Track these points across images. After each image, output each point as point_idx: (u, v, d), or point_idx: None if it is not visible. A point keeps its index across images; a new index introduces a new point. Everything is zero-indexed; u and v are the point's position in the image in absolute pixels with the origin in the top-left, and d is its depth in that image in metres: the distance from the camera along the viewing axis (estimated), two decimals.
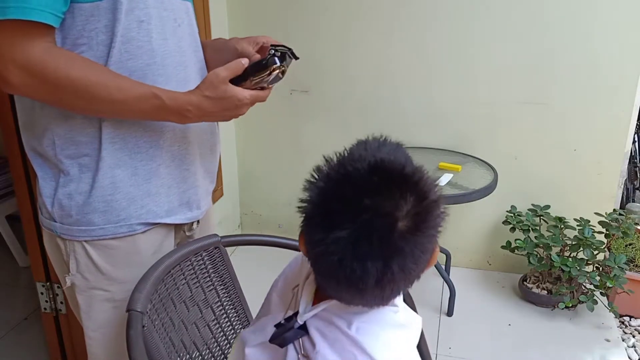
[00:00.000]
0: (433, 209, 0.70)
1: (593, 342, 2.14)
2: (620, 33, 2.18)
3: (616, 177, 2.38)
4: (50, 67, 0.87)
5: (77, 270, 1.04)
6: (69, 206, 1.00)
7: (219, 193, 2.67)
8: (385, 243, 0.66)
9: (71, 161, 0.98)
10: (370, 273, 0.67)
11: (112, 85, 0.90)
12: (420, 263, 0.70)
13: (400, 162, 0.71)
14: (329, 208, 0.69)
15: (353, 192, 0.67)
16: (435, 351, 2.09)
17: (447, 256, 2.54)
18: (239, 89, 0.94)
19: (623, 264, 2.15)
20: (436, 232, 0.71)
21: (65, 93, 0.89)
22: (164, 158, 1.05)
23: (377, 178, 0.68)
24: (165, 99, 0.93)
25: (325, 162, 0.75)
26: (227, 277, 1.26)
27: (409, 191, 0.68)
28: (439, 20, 2.35)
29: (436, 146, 2.52)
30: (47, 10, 0.85)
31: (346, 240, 0.66)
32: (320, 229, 0.69)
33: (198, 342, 1.17)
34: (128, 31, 0.93)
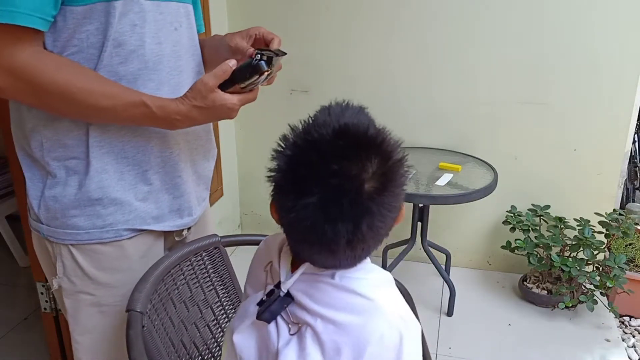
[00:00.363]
0: (398, 168, 0.73)
1: (593, 342, 2.14)
2: (620, 33, 2.18)
3: (616, 177, 2.38)
4: (36, 72, 0.86)
5: (63, 274, 1.03)
6: (54, 209, 0.99)
7: (219, 193, 2.67)
8: (354, 205, 0.69)
9: (58, 163, 0.97)
10: (341, 234, 0.69)
11: (99, 92, 0.89)
12: (387, 221, 0.73)
13: (364, 125, 0.73)
14: (297, 175, 0.71)
15: (320, 157, 0.69)
16: (435, 351, 2.09)
17: (447, 256, 2.54)
18: (227, 96, 0.94)
19: (623, 264, 2.14)
20: (401, 190, 0.74)
21: (51, 98, 0.89)
22: (152, 164, 1.03)
23: (342, 142, 0.70)
24: (153, 108, 0.92)
25: (291, 131, 0.76)
26: (227, 277, 1.26)
27: (374, 153, 0.70)
28: (439, 21, 2.35)
29: (436, 146, 2.52)
30: (35, 15, 0.84)
31: (316, 205, 0.69)
32: (291, 196, 0.71)
33: (198, 342, 1.17)
34: (120, 35, 0.92)
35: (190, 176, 1.13)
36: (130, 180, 1.01)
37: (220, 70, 0.93)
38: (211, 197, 2.57)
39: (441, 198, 2.04)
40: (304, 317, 0.77)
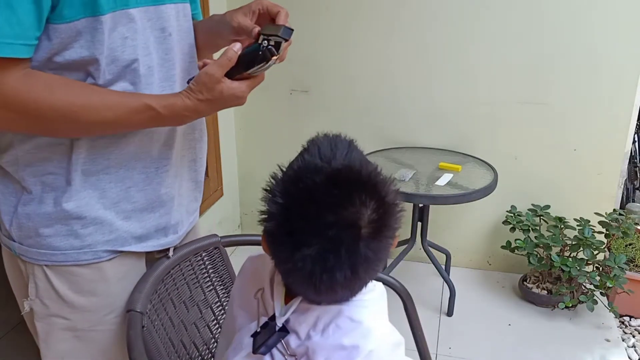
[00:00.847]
0: (393, 211, 0.73)
1: (593, 342, 2.14)
2: (620, 33, 2.18)
3: (616, 177, 2.38)
4: (29, 99, 0.79)
5: (36, 295, 0.96)
6: (27, 227, 0.92)
7: (219, 193, 2.67)
8: (352, 253, 0.69)
9: (34, 179, 0.90)
10: (338, 282, 0.70)
11: (100, 105, 0.84)
12: (383, 259, 0.74)
13: (356, 168, 0.72)
14: (292, 227, 0.71)
15: (315, 209, 0.69)
16: (435, 351, 2.09)
17: (447, 256, 2.54)
18: (235, 84, 0.89)
19: (623, 264, 2.14)
20: (396, 231, 0.74)
21: (50, 123, 0.83)
22: (136, 180, 0.96)
23: (337, 191, 0.69)
24: (159, 109, 0.87)
25: (281, 172, 0.76)
26: (227, 277, 1.26)
27: (369, 196, 0.70)
28: (439, 21, 2.35)
29: (436, 146, 2.51)
30: (17, 43, 0.76)
31: (314, 256, 0.68)
32: (287, 247, 0.71)
33: (198, 342, 1.17)
34: (112, 51, 0.85)
35: (180, 189, 1.06)
36: (112, 197, 0.94)
37: (225, 58, 0.87)
38: (211, 197, 2.57)
39: (441, 198, 2.04)
40: (299, 348, 0.77)
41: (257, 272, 0.88)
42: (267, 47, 0.88)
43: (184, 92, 0.88)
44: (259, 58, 0.88)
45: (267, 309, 0.82)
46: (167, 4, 0.94)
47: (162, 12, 0.93)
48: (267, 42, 0.88)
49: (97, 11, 0.81)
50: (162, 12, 0.93)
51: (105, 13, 0.82)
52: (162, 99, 0.88)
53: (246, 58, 0.88)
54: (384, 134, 2.55)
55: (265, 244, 0.78)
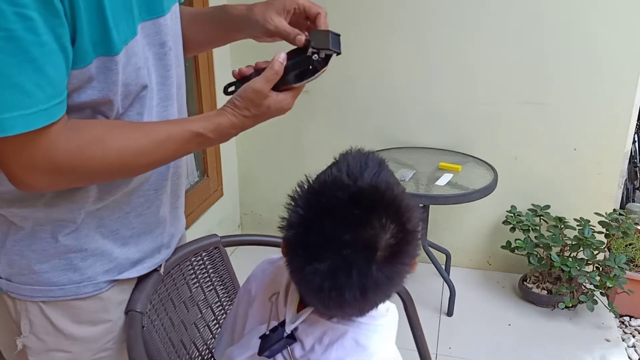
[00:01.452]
0: (412, 239, 0.71)
1: (593, 342, 2.14)
2: (620, 33, 2.17)
3: (616, 177, 2.38)
4: (82, 161, 0.73)
5: (30, 332, 0.88)
6: (20, 264, 0.84)
7: (219, 193, 2.67)
8: (363, 275, 0.68)
9: (22, 215, 0.82)
10: (347, 301, 0.69)
11: (152, 147, 0.78)
12: (397, 284, 0.73)
13: (381, 188, 0.71)
14: (309, 240, 0.70)
15: (333, 225, 0.68)
16: (435, 351, 2.09)
17: (447, 256, 2.54)
18: (282, 97, 0.83)
19: (623, 264, 2.14)
20: (413, 258, 0.72)
21: (103, 177, 0.79)
22: (134, 204, 0.89)
23: (357, 211, 0.68)
24: (208, 134, 0.81)
25: (307, 182, 0.75)
26: (227, 277, 1.25)
27: (390, 220, 0.69)
28: (439, 21, 2.35)
29: (436, 146, 2.51)
30: (52, 104, 0.67)
31: (324, 272, 0.68)
32: (301, 258, 0.70)
33: (198, 342, 1.17)
34: (126, 86, 0.78)
35: (171, 205, 1.00)
36: (110, 225, 0.88)
37: (272, 72, 0.81)
38: (211, 197, 2.57)
39: (441, 198, 2.04)
40: (302, 357, 0.78)
41: (277, 276, 0.88)
42: (317, 60, 0.83)
43: (229, 110, 0.83)
44: (310, 71, 0.83)
45: (279, 314, 0.82)
46: (166, 14, 0.85)
47: (160, 26, 0.83)
48: (317, 55, 0.83)
49: (110, 50, 0.72)
50: (161, 25, 0.83)
51: (119, 52, 0.73)
52: (208, 121, 0.82)
53: (293, 70, 0.83)
54: (384, 134, 2.55)
55: (284, 249, 0.77)
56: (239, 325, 0.93)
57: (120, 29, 0.73)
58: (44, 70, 0.65)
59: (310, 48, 0.83)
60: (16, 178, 0.72)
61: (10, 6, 0.60)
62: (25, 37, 0.62)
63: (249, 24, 0.91)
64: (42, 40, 0.63)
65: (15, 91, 0.63)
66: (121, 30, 0.73)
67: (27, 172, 0.71)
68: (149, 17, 0.80)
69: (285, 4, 0.90)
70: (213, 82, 2.46)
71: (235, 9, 0.95)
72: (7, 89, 0.63)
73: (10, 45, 0.62)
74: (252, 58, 0.91)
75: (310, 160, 2.70)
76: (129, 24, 0.75)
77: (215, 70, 2.46)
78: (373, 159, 0.75)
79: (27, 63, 0.63)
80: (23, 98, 0.64)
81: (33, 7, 0.62)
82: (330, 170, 0.74)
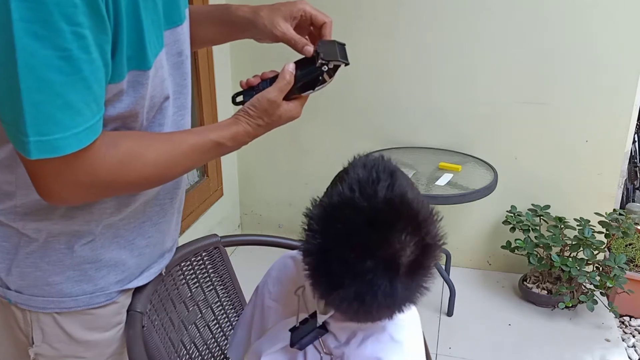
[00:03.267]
0: (431, 252, 0.72)
1: (593, 342, 2.14)
2: (620, 33, 2.18)
3: (616, 177, 2.38)
4: (123, 174, 0.74)
5: (42, 341, 0.87)
6: (34, 276, 0.83)
7: (219, 193, 2.67)
8: (388, 295, 0.69)
9: (36, 227, 0.81)
10: (376, 316, 0.71)
11: (181, 157, 0.80)
12: (423, 290, 0.74)
13: (396, 205, 0.69)
14: (330, 268, 0.70)
15: (354, 254, 0.68)
16: (435, 351, 2.09)
17: (447, 256, 2.54)
18: (291, 106, 0.86)
19: (623, 264, 2.14)
20: (432, 268, 0.73)
21: (138, 188, 0.81)
22: (150, 214, 0.90)
23: (376, 233, 0.68)
24: (226, 142, 0.83)
25: (319, 203, 0.73)
26: (227, 277, 1.25)
27: (408, 236, 0.68)
28: (439, 20, 2.35)
29: (436, 146, 2.51)
30: (97, 118, 0.67)
31: (351, 297, 0.69)
32: (323, 285, 0.71)
33: (198, 342, 1.17)
34: (152, 99, 0.79)
35: (177, 211, 1.01)
36: (127, 236, 0.88)
37: (284, 82, 0.83)
38: (211, 197, 2.57)
39: (441, 198, 2.04)
40: (337, 349, 0.78)
41: (299, 270, 0.88)
42: (326, 71, 0.86)
43: (243, 119, 0.84)
44: (319, 82, 0.86)
45: (308, 307, 0.83)
46: (184, 22, 0.85)
47: (178, 34, 0.84)
48: (326, 67, 0.86)
49: (143, 65, 0.73)
50: (179, 34, 0.84)
51: (151, 66, 0.74)
52: (225, 130, 0.83)
53: (302, 79, 0.86)
54: (384, 134, 2.55)
55: (306, 272, 0.76)
56: (258, 319, 0.93)
57: (152, 42, 0.73)
58: (92, 87, 0.65)
59: (320, 60, 0.85)
60: (52, 193, 0.71)
61: (68, 25, 0.60)
62: (80, 57, 0.62)
63: (254, 27, 0.92)
64: (92, 58, 0.64)
65: (68, 110, 0.63)
66: (153, 44, 0.74)
67: (68, 187, 0.70)
68: (168, 26, 0.80)
69: (293, 10, 0.90)
70: (213, 83, 2.46)
71: (239, 10, 0.95)
72: (61, 109, 0.63)
73: (67, 64, 0.62)
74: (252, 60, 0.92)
75: (310, 160, 2.70)
76: (158, 36, 0.76)
77: (215, 71, 2.46)
78: (384, 170, 0.73)
79: (80, 81, 0.63)
80: (75, 117, 0.64)
81: (87, 26, 0.62)
82: (342, 188, 0.71)
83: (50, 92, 0.62)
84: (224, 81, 2.57)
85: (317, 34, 0.93)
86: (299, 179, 2.75)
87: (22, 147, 0.64)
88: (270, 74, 0.88)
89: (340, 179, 0.75)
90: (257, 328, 0.94)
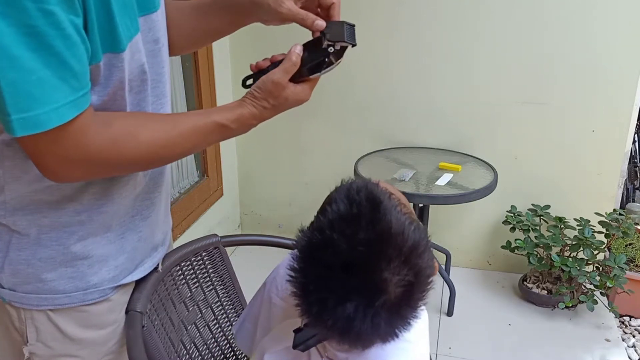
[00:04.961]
0: (420, 285, 0.69)
1: (593, 342, 2.14)
2: (620, 33, 2.18)
3: (616, 177, 2.38)
4: (116, 152, 0.74)
5: (37, 339, 0.87)
6: (26, 273, 0.83)
7: (219, 193, 2.67)
8: (374, 331, 0.68)
9: (27, 222, 0.81)
10: (367, 344, 0.71)
11: (179, 138, 0.80)
12: (416, 316, 0.71)
13: (377, 247, 0.67)
14: (312, 310, 0.69)
15: (333, 299, 0.67)
16: (435, 351, 2.09)
17: (447, 256, 2.54)
18: (299, 88, 0.84)
19: (623, 264, 2.14)
20: (423, 300, 0.71)
21: (134, 167, 0.81)
22: (139, 208, 0.90)
23: (355, 279, 0.66)
24: (230, 125, 0.82)
25: (303, 238, 0.72)
26: (227, 277, 1.25)
27: (391, 274, 0.66)
28: (439, 20, 2.35)
29: (436, 146, 2.51)
30: (79, 94, 0.68)
31: (335, 332, 0.69)
32: (309, 316, 0.70)
33: (198, 342, 1.17)
34: (130, 82, 0.79)
35: (164, 203, 1.00)
36: (117, 230, 0.88)
37: (290, 64, 0.82)
38: (211, 197, 2.57)
39: (441, 198, 2.04)
40: (340, 352, 0.78)
41: None
42: (333, 53, 0.83)
43: (248, 101, 0.84)
44: (325, 64, 0.84)
45: None
46: (158, 9, 0.84)
47: (153, 22, 0.82)
48: (332, 48, 0.83)
49: (116, 47, 0.72)
50: (153, 21, 0.83)
51: (125, 48, 0.74)
52: (230, 112, 0.83)
53: (309, 62, 0.84)
54: (384, 134, 2.55)
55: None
56: (265, 313, 0.93)
57: (125, 25, 0.73)
58: (68, 63, 0.65)
59: (326, 40, 0.83)
60: (50, 170, 0.73)
61: (33, 3, 0.61)
62: (49, 32, 0.63)
63: (260, 8, 0.89)
64: (65, 34, 0.64)
65: (43, 86, 0.64)
66: (125, 27, 0.73)
67: (62, 164, 0.72)
68: (143, 12, 0.80)
69: None
70: (213, 80, 2.46)
71: None
72: (37, 85, 0.64)
73: (35, 40, 0.62)
74: (253, 59, 0.91)
75: (310, 160, 2.70)
76: (132, 19, 0.75)
77: (215, 68, 2.46)
78: (367, 199, 0.71)
79: (52, 57, 0.64)
80: (52, 92, 0.65)
81: (55, 2, 0.62)
82: (323, 224, 0.70)
83: (22, 69, 0.62)
84: (225, 81, 2.57)
85: (324, 15, 0.90)
86: (299, 179, 2.75)
87: (7, 126, 0.65)
88: (280, 57, 0.87)
89: (323, 211, 0.73)
90: (263, 323, 0.94)
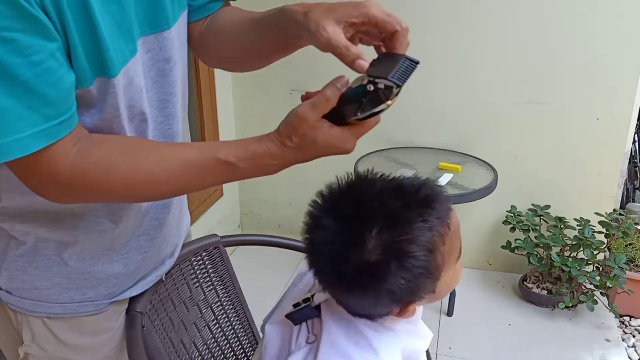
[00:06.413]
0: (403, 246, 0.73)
1: (593, 342, 2.14)
2: (620, 33, 2.17)
3: (616, 177, 2.38)
4: (86, 184, 0.68)
5: (32, 341, 0.86)
6: (22, 280, 0.81)
7: (219, 193, 2.67)
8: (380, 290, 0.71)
9: (25, 230, 0.79)
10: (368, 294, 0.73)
11: (165, 176, 0.70)
12: (413, 279, 0.74)
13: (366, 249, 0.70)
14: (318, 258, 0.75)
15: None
16: (435, 351, 2.09)
17: None
18: (335, 132, 0.68)
19: (623, 264, 2.14)
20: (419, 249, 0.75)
21: (111, 199, 0.75)
22: (146, 228, 0.85)
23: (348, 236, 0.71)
24: (237, 162, 0.69)
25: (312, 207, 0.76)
26: (227, 277, 1.25)
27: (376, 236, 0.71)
28: (439, 20, 2.35)
29: (436, 146, 2.51)
30: (53, 123, 0.62)
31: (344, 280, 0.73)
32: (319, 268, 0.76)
33: (198, 342, 1.16)
34: (131, 109, 0.73)
35: (176, 217, 0.96)
36: (120, 251, 0.84)
37: (321, 98, 0.67)
38: (211, 197, 2.57)
39: None
40: (321, 332, 0.79)
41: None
42: (374, 90, 0.67)
43: (272, 135, 0.70)
44: (364, 104, 0.67)
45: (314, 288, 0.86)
46: (172, 27, 0.76)
47: (164, 40, 0.75)
48: (373, 85, 0.67)
49: (106, 72, 0.66)
50: (165, 39, 0.75)
51: (117, 73, 0.67)
52: (240, 148, 0.69)
53: (350, 100, 0.68)
54: (384, 134, 2.54)
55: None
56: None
57: (118, 48, 0.67)
58: (38, 91, 0.60)
59: (367, 76, 0.68)
60: (35, 190, 0.69)
61: None
62: (10, 61, 0.58)
63: (305, 30, 0.71)
64: (32, 61, 0.59)
65: (4, 116, 0.59)
66: (119, 50, 0.67)
67: (41, 187, 0.68)
68: (151, 30, 0.73)
69: (352, 12, 0.69)
70: (213, 84, 2.46)
71: (292, 10, 0.73)
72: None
73: None
74: None
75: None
76: (127, 42, 0.69)
77: (215, 71, 2.46)
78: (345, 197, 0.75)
79: (16, 86, 0.59)
80: (15, 122, 0.59)
81: (15, 28, 0.57)
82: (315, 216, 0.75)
83: None
84: (224, 81, 2.57)
85: (388, 46, 0.75)
86: (299, 179, 2.75)
87: None
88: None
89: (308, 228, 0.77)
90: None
